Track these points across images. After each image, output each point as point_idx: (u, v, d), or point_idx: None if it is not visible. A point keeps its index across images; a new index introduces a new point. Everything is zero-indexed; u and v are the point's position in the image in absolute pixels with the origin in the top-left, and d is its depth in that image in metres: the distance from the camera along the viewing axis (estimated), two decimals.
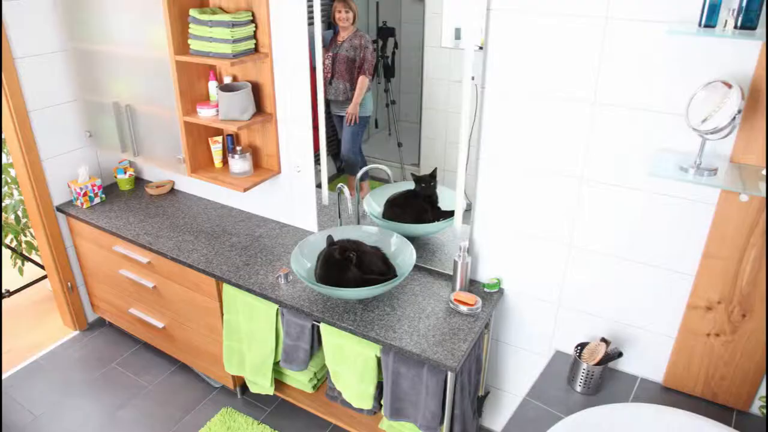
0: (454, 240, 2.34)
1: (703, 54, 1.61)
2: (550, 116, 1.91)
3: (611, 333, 2.11)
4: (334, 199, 2.62)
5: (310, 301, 2.26)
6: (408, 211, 2.44)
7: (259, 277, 2.43)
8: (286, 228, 2.84)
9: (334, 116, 2.57)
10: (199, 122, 2.55)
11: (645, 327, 2.04)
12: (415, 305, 2.21)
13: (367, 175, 2.58)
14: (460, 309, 2.16)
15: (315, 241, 2.40)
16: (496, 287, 2.27)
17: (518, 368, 2.42)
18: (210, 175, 2.69)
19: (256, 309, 2.41)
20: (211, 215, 2.99)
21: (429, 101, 2.29)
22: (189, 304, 2.73)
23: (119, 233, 2.80)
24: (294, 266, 2.25)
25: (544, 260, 2.15)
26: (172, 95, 2.55)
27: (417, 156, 2.42)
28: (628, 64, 1.72)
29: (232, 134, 2.75)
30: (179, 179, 3.26)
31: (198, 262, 2.55)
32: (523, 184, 2.06)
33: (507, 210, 2.15)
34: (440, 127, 2.27)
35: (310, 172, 2.64)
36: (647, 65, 1.70)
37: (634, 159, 1.82)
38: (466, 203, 2.22)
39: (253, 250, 2.65)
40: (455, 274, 2.25)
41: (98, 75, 2.79)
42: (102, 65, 2.74)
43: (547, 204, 2.05)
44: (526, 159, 2.02)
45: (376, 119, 2.56)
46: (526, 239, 2.15)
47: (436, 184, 2.35)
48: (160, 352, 3.21)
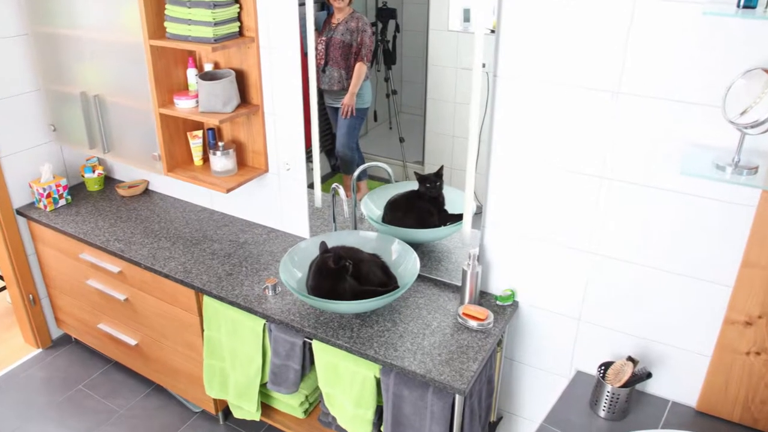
0: (462, 247, 2.34)
1: (743, 38, 1.61)
2: (570, 108, 1.91)
3: (639, 351, 2.11)
4: (328, 201, 2.62)
5: (301, 315, 2.26)
6: (411, 214, 2.44)
7: (244, 288, 2.43)
8: (275, 233, 2.84)
9: (328, 108, 2.57)
10: (177, 115, 2.55)
11: (677, 344, 2.04)
12: (419, 320, 2.21)
13: (365, 174, 2.57)
14: (469, 324, 2.16)
15: (306, 248, 2.40)
16: (509, 300, 2.27)
17: (534, 391, 2.42)
18: (189, 174, 2.69)
19: (240, 324, 2.41)
20: (190, 219, 2.99)
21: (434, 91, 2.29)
22: (165, 318, 2.73)
23: (87, 239, 2.80)
24: (283, 276, 2.25)
25: (564, 270, 2.15)
26: (146, 85, 2.55)
27: (421, 152, 2.42)
28: (658, 50, 1.72)
29: (213, 128, 2.75)
30: (154, 179, 3.26)
31: (175, 271, 2.55)
32: (540, 183, 2.06)
33: (522, 213, 2.15)
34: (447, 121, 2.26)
35: (301, 171, 2.64)
36: (679, 50, 1.70)
37: (664, 156, 1.82)
38: (476, 205, 2.22)
39: (237, 258, 2.65)
40: (464, 285, 2.25)
41: (63, 62, 2.79)
42: (68, 51, 2.74)
43: (566, 206, 2.05)
44: (544, 156, 2.02)
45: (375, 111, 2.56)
46: (543, 246, 2.15)
47: (442, 184, 2.35)
48: (132, 373, 3.20)
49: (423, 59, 2.27)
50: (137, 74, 2.55)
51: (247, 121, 2.67)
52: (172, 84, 2.60)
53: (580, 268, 2.11)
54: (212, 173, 2.68)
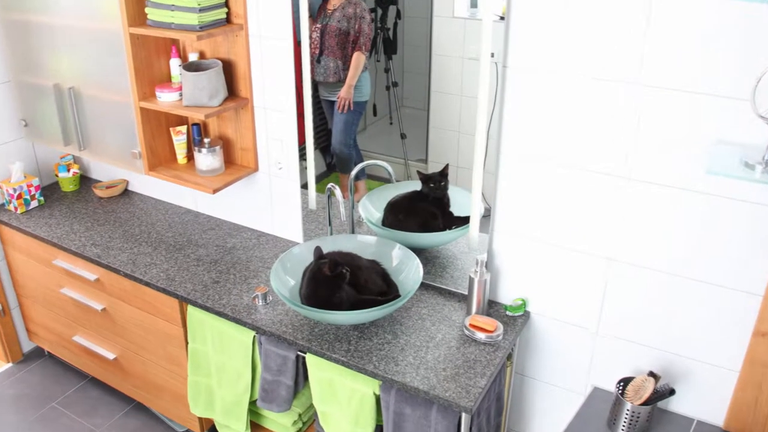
0: (469, 252, 2.34)
1: None
2: (587, 101, 1.91)
3: (661, 366, 2.11)
4: (323, 203, 2.62)
5: (294, 326, 2.26)
6: (413, 217, 2.44)
7: (232, 297, 2.43)
8: (265, 238, 2.84)
9: (323, 101, 2.57)
10: (159, 109, 2.55)
11: (702, 358, 2.03)
12: (422, 332, 2.21)
13: (364, 174, 2.57)
14: (476, 336, 2.16)
15: (300, 254, 2.40)
16: (520, 310, 2.27)
17: (548, 408, 2.41)
18: (172, 174, 2.69)
19: (227, 336, 2.41)
20: (173, 222, 2.98)
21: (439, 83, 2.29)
22: (146, 330, 2.72)
23: (61, 244, 2.79)
24: (274, 284, 2.24)
25: (580, 277, 2.14)
26: (125, 76, 2.54)
27: (424, 150, 2.42)
28: (681, 38, 1.72)
29: (198, 123, 2.75)
30: (134, 178, 3.25)
31: (157, 279, 2.54)
32: (554, 184, 2.06)
33: (534, 216, 2.15)
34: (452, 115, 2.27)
35: (294, 170, 2.63)
36: (704, 39, 1.69)
37: (688, 154, 1.82)
38: (485, 207, 2.22)
39: (225, 264, 2.64)
40: (471, 293, 2.25)
41: (35, 51, 2.78)
42: (40, 39, 2.74)
43: (583, 209, 2.05)
44: (558, 153, 2.02)
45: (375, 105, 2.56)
46: (557, 252, 2.15)
47: (447, 184, 2.35)
48: (110, 389, 3.20)
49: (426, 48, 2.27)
50: (116, 65, 2.55)
51: (235, 115, 2.66)
52: (153, 75, 2.59)
53: (598, 275, 2.11)
54: (197, 172, 2.68)
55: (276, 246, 2.77)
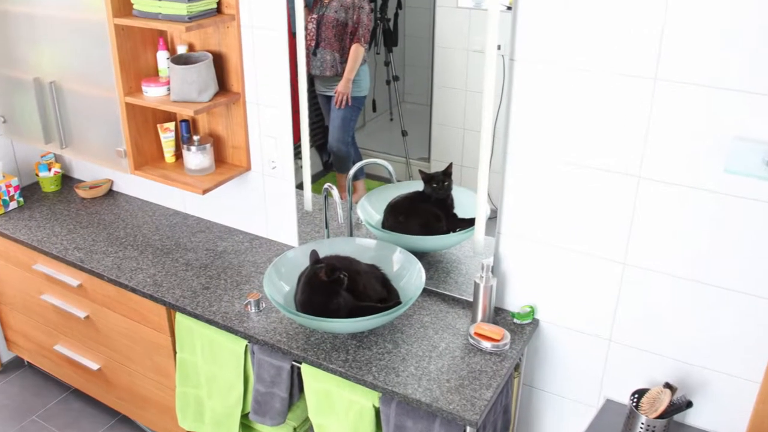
0: (474, 256, 2.34)
1: None
2: (599, 96, 1.91)
3: (678, 377, 2.11)
4: (319, 204, 2.62)
5: (289, 335, 2.25)
6: (415, 218, 2.44)
7: (223, 304, 2.42)
8: (258, 241, 2.84)
9: (320, 96, 2.57)
10: (145, 104, 2.55)
11: (721, 369, 2.03)
12: (425, 340, 2.21)
13: (362, 173, 2.57)
14: (482, 345, 2.16)
15: (295, 258, 2.40)
16: (529, 317, 2.27)
17: (557, 422, 2.41)
18: (159, 173, 2.69)
19: (218, 345, 2.41)
20: (160, 224, 2.98)
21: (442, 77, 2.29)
22: (132, 339, 2.72)
23: (42, 248, 2.79)
24: (267, 290, 2.24)
25: (592, 283, 2.14)
26: (110, 70, 2.55)
27: (427, 148, 2.42)
28: (700, 29, 1.72)
29: (187, 120, 2.75)
30: (119, 178, 3.25)
31: (143, 284, 2.54)
32: (565, 184, 2.06)
33: (544, 217, 2.15)
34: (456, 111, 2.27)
35: (289, 169, 2.63)
36: (724, 31, 1.69)
37: (706, 152, 1.82)
38: (491, 209, 2.22)
39: (215, 269, 2.64)
40: (476, 300, 2.25)
41: (15, 43, 2.78)
42: (19, 30, 2.74)
43: (595, 210, 2.05)
44: (569, 152, 2.02)
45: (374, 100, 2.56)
46: (568, 256, 2.15)
47: (451, 184, 2.35)
48: (94, 402, 3.20)
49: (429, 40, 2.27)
50: (100, 58, 2.55)
51: (226, 111, 2.66)
52: (139, 69, 2.59)
53: (611, 281, 2.11)
54: (186, 172, 2.68)
55: (269, 250, 2.77)
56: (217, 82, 2.58)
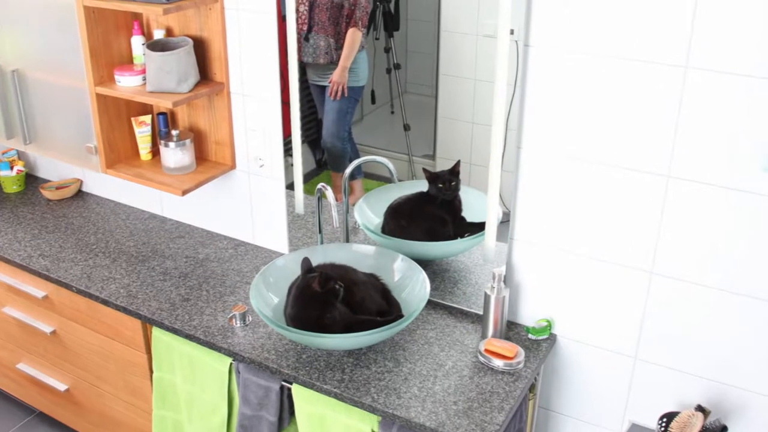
0: (484, 265, 2.34)
1: None
2: (624, 86, 1.91)
3: (711, 398, 2.10)
4: (312, 207, 2.62)
5: (278, 352, 2.25)
6: (419, 222, 2.45)
7: (205, 318, 2.42)
8: (244, 247, 2.84)
9: (313, 87, 2.57)
10: (118, 95, 2.55)
11: (759, 390, 2.03)
12: (429, 358, 2.21)
13: (360, 172, 2.57)
14: (493, 364, 2.16)
15: (285, 267, 2.40)
16: (545, 333, 2.27)
17: None
18: (134, 172, 2.69)
19: (200, 364, 2.40)
20: (135, 229, 2.98)
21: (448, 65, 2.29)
22: (103, 356, 2.72)
23: (3, 255, 2.79)
24: (255, 303, 2.24)
25: (616, 294, 2.14)
26: (79, 57, 2.54)
27: (431, 144, 2.42)
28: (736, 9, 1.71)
29: (165, 113, 2.75)
30: (89, 177, 3.25)
31: (116, 296, 2.54)
32: (585, 184, 2.06)
33: (561, 222, 2.15)
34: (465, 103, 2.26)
35: (278, 168, 2.64)
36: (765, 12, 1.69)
37: (743, 149, 1.82)
38: (503, 212, 2.22)
39: (196, 279, 2.64)
40: (487, 313, 2.24)
41: None
42: None
43: (618, 213, 2.05)
44: (589, 148, 2.02)
45: (373, 91, 2.56)
46: (588, 264, 2.15)
47: (458, 184, 2.35)
48: (62, 426, 3.19)
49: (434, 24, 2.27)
50: (67, 44, 2.55)
51: (208, 103, 2.66)
52: (112, 56, 2.59)
53: (637, 292, 2.11)
54: (164, 170, 2.68)
55: (256, 257, 2.77)
56: (199, 71, 2.57)
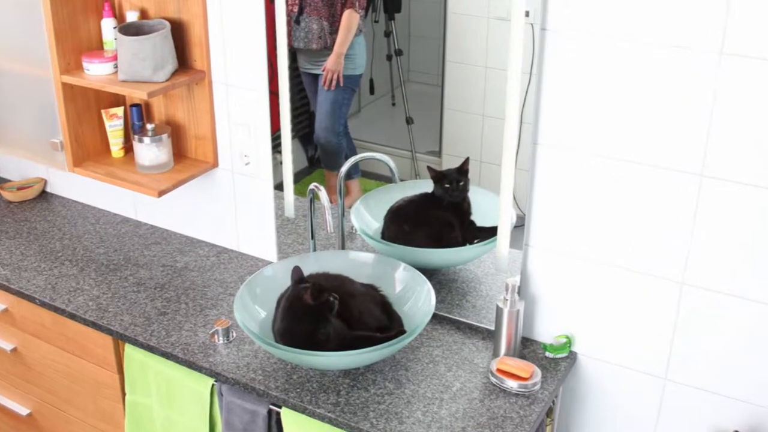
0: (496, 274, 2.34)
1: None
2: (651, 75, 1.91)
3: (750, 424, 2.11)
4: (303, 209, 2.62)
5: (266, 372, 2.25)
6: (423, 227, 2.45)
7: (184, 333, 2.42)
8: (227, 255, 2.84)
9: (304, 75, 2.57)
10: (87, 85, 2.55)
11: None
12: (435, 379, 2.21)
13: (357, 171, 2.57)
14: (506, 385, 2.16)
15: (273, 277, 2.40)
16: (564, 350, 2.27)
17: None
18: (104, 170, 2.69)
19: (178, 385, 2.40)
20: (105, 234, 2.98)
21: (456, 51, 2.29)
22: (70, 377, 2.72)
23: None
24: (239, 317, 2.24)
25: (643, 307, 2.14)
26: (43, 42, 2.54)
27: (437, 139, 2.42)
28: None
29: (139, 104, 2.75)
30: (55, 176, 3.25)
31: (85, 309, 2.54)
32: (608, 184, 2.06)
33: (582, 226, 2.15)
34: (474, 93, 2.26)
35: (266, 166, 2.64)
36: None
37: None
38: (517, 215, 2.22)
39: (174, 290, 2.64)
40: (499, 329, 2.24)
41: None
42: None
43: (646, 216, 2.05)
44: (612, 143, 2.02)
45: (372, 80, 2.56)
46: (613, 273, 2.15)
47: (467, 184, 2.35)
48: None
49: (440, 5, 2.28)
50: (29, 26, 2.55)
51: (188, 94, 2.67)
52: (80, 41, 2.59)
53: (668, 305, 2.10)
54: (138, 169, 2.68)
55: (241, 266, 2.77)
56: (177, 58, 2.57)
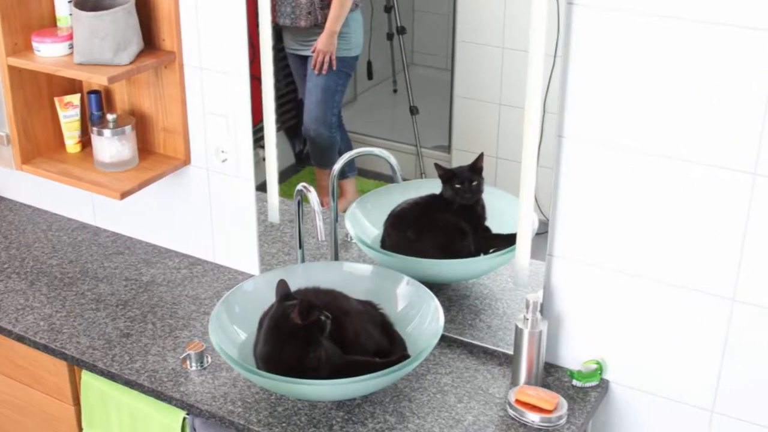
0: (515, 290, 2.35)
1: None
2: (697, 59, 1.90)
3: None
4: (290, 214, 2.62)
5: (246, 404, 2.25)
6: (430, 234, 2.46)
7: (150, 358, 2.42)
8: (201, 267, 2.85)
9: (291, 58, 2.57)
10: (38, 68, 2.56)
11: None
12: (444, 411, 2.21)
13: (353, 168, 2.57)
14: (527, 418, 2.16)
15: (255, 292, 2.40)
16: (594, 378, 2.27)
17: None
18: (58, 168, 2.70)
19: (144, 418, 2.41)
20: (59, 243, 2.99)
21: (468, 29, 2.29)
22: (18, 409, 2.73)
23: None
24: (215, 339, 2.23)
25: (686, 328, 2.14)
26: None
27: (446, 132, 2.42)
28: None
29: (98, 91, 2.75)
30: (0, 176, 3.25)
31: (35, 330, 2.54)
32: (645, 184, 2.06)
33: (614, 234, 2.15)
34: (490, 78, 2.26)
35: (247, 163, 2.63)
36: None
37: None
38: (539, 221, 2.22)
39: (139, 307, 2.64)
40: (518, 353, 2.25)
41: None
42: None
43: (690, 222, 2.05)
44: (650, 137, 2.02)
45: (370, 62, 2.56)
46: (650, 288, 2.15)
47: (481, 184, 2.35)
48: None
49: None
50: None
51: (155, 79, 2.67)
52: (29, 17, 2.60)
53: (715, 325, 2.10)
54: (96, 166, 2.68)
55: (217, 280, 2.78)
56: (142, 37, 2.57)
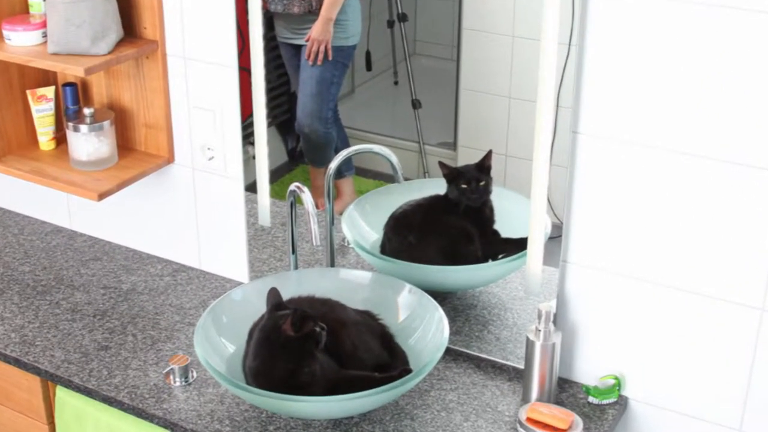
0: (526, 299, 2.35)
1: None
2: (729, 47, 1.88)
3: None
4: (282, 216, 2.63)
5: (235, 422, 2.26)
6: (434, 238, 2.45)
7: (131, 373, 2.43)
8: (186, 274, 2.85)
9: (283, 47, 2.57)
10: (8, 58, 2.56)
11: None
12: (449, 430, 2.20)
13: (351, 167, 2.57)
14: None
15: (244, 301, 2.40)
16: (612, 395, 2.27)
17: None
18: (30, 167, 2.71)
19: None
20: (32, 248, 3.00)
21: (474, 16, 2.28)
22: None
23: None
24: (201, 352, 2.23)
25: (712, 341, 2.13)
26: None
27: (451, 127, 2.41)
28: None
29: (75, 83, 2.75)
30: None
31: (5, 343, 2.54)
32: (668, 184, 2.05)
33: (634, 239, 2.14)
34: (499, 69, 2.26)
35: (235, 161, 2.64)
36: None
37: None
38: (552, 224, 2.23)
39: (119, 318, 2.65)
40: (530, 367, 2.25)
41: None
42: None
43: (715, 225, 2.04)
44: (674, 134, 2.00)
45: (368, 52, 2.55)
46: (673, 297, 2.14)
47: (489, 184, 2.35)
48: None
49: None
50: None
51: (136, 70, 2.67)
52: None
53: (743, 337, 2.10)
54: (72, 165, 2.68)
55: (203, 288, 2.78)
56: (122, 25, 2.56)
